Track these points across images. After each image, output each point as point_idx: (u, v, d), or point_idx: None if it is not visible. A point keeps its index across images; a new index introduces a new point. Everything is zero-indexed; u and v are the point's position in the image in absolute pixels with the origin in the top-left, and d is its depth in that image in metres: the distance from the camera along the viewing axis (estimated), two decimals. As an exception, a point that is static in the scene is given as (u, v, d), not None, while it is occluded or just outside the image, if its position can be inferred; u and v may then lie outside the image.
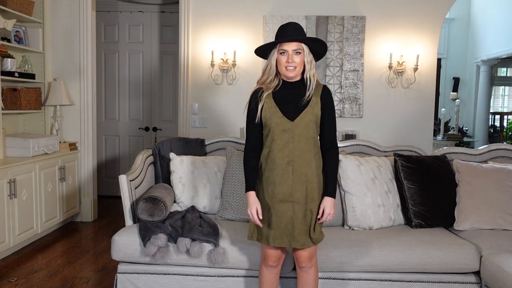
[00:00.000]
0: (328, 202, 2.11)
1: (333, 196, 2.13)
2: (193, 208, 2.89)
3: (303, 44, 2.08)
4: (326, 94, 2.15)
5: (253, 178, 2.16)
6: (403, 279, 2.54)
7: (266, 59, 2.16)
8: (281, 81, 2.14)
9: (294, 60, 2.06)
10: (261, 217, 2.11)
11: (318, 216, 2.11)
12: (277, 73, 2.15)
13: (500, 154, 3.22)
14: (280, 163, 2.07)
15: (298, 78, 2.14)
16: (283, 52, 2.07)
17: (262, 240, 2.14)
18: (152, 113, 5.76)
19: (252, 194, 2.14)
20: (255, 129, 2.16)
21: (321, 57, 2.20)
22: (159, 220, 2.63)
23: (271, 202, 2.09)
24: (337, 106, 4.48)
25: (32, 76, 4.26)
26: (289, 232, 2.08)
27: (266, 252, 2.20)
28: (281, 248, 2.19)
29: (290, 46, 2.05)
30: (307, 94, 2.10)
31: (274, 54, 2.10)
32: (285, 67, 2.07)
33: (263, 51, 2.17)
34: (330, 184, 2.13)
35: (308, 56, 2.09)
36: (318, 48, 2.13)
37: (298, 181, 2.07)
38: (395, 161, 2.98)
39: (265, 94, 2.11)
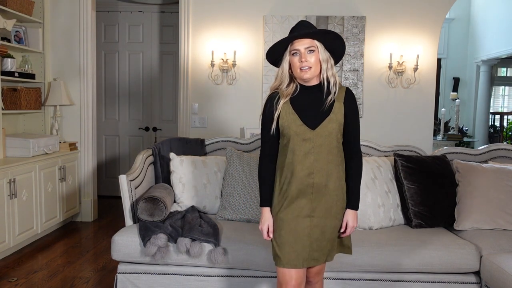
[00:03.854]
0: (350, 215, 1.96)
1: (356, 208, 1.97)
2: (193, 208, 2.90)
3: (316, 41, 1.88)
4: (349, 98, 1.95)
5: (269, 191, 1.98)
6: (403, 279, 2.54)
7: (279, 67, 1.99)
8: (298, 86, 1.95)
9: (308, 59, 1.86)
10: (271, 236, 1.94)
11: (342, 230, 1.96)
12: (294, 78, 1.96)
13: (500, 154, 3.22)
14: (300, 176, 1.88)
15: (317, 81, 1.95)
16: (295, 53, 1.88)
17: (276, 262, 1.91)
18: (152, 113, 5.76)
19: (267, 211, 1.97)
20: (271, 138, 1.97)
21: (341, 57, 2.00)
22: (159, 220, 2.63)
23: (286, 217, 1.89)
24: (337, 106, 4.48)
25: (32, 76, 4.26)
26: (306, 251, 1.88)
27: (283, 276, 1.90)
28: (301, 270, 1.92)
29: (302, 44, 1.87)
30: (329, 98, 1.90)
31: (286, 57, 1.92)
32: (299, 68, 1.87)
33: (275, 58, 1.99)
34: (353, 195, 1.97)
35: (323, 54, 1.89)
36: (334, 45, 1.92)
37: (318, 195, 1.89)
38: (395, 161, 2.98)
39: (282, 101, 1.92)
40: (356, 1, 4.46)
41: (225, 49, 4.44)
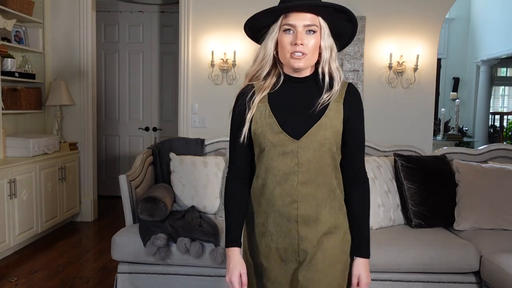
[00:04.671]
0: (362, 266, 1.42)
1: (368, 255, 1.43)
2: (193, 208, 2.90)
3: (321, 20, 1.34)
4: (352, 97, 1.40)
5: (238, 226, 1.45)
6: (403, 279, 2.54)
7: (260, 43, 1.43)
8: (282, 76, 1.41)
9: (305, 42, 1.32)
10: None
11: None
12: (277, 63, 1.42)
13: (500, 154, 3.22)
14: (279, 204, 1.37)
15: (309, 72, 1.40)
16: (289, 29, 1.33)
17: None
18: (152, 113, 5.76)
19: (235, 253, 1.42)
20: (242, 150, 1.44)
21: (346, 45, 1.47)
22: (159, 220, 2.63)
23: (265, 261, 1.42)
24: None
25: (32, 76, 4.26)
26: None
27: None
28: None
29: (301, 19, 1.31)
30: (326, 97, 1.36)
31: (274, 32, 1.36)
32: (291, 52, 1.32)
33: (257, 30, 1.42)
34: (362, 236, 1.43)
35: (327, 39, 1.36)
36: (342, 28, 1.40)
37: (305, 231, 1.37)
38: (395, 161, 2.98)
39: (257, 98, 1.39)
40: (356, 1, 4.46)
41: (225, 49, 4.44)
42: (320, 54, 1.37)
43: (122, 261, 2.59)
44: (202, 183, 2.96)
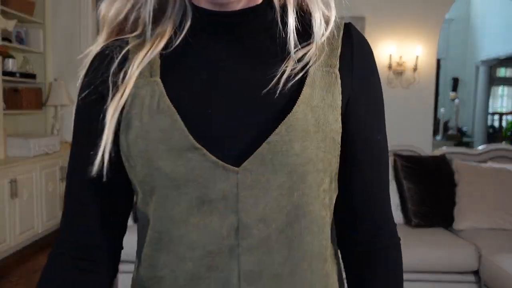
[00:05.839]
0: None
1: None
2: (193, 208, 2.90)
3: None
4: (357, 52, 0.60)
5: None
6: (403, 278, 2.55)
7: None
8: (189, 12, 0.57)
9: None
10: None
11: None
12: None
13: (499, 154, 3.24)
14: None
15: (252, 2, 0.56)
16: None
17: None
18: (152, 113, 5.77)
19: None
20: (91, 195, 0.65)
21: None
22: (160, 219, 2.63)
23: None
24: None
25: (33, 76, 4.27)
26: None
27: None
28: None
29: None
30: (297, 57, 0.56)
31: None
32: None
33: None
34: None
35: None
36: None
37: None
38: (395, 161, 2.99)
39: (134, 68, 0.55)
40: (356, 1, 4.46)
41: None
42: None
43: (122, 261, 2.59)
44: (202, 183, 2.97)
